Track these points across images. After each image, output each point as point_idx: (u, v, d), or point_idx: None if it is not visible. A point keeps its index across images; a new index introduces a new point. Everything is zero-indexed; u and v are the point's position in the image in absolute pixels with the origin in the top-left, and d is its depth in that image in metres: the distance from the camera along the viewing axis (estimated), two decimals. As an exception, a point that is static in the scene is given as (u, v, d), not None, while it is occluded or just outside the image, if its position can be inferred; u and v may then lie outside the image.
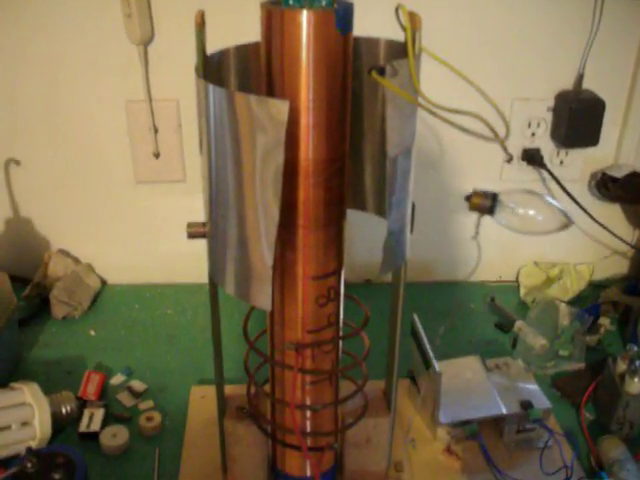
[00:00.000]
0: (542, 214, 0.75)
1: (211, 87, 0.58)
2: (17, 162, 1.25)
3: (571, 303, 1.20)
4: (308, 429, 0.79)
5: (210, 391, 0.98)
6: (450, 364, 0.99)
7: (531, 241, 1.27)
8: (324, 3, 0.58)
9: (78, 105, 1.20)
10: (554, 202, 0.75)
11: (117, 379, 1.07)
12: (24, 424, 0.90)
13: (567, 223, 0.75)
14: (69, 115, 1.21)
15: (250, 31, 0.66)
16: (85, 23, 1.14)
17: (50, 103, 1.20)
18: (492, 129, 0.59)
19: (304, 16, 0.57)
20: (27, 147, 1.24)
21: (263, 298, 0.62)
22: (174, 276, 1.33)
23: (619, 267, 1.37)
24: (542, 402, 0.95)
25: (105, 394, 1.04)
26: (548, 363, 1.09)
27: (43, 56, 1.17)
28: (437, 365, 0.89)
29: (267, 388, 0.80)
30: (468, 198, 0.75)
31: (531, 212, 0.75)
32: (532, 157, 1.22)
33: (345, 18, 0.59)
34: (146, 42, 1.14)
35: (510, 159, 1.17)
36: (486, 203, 0.74)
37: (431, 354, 0.90)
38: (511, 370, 1.01)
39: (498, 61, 1.18)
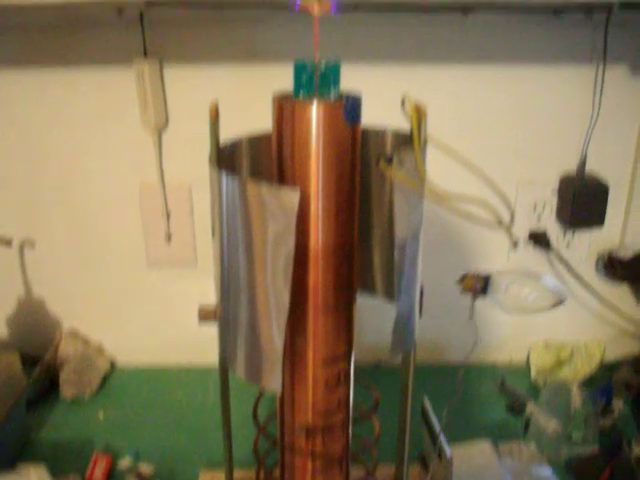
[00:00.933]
0: (535, 292, 0.76)
1: (224, 176, 0.60)
2: (32, 243, 1.28)
3: (583, 384, 1.19)
4: (318, 515, 0.78)
5: (218, 476, 0.97)
6: (462, 449, 0.98)
7: (541, 321, 1.28)
8: (333, 96, 0.61)
9: (93, 189, 1.24)
10: (547, 280, 0.76)
11: (125, 462, 1.06)
12: (30, 508, 0.89)
13: (560, 301, 0.75)
14: (84, 199, 1.24)
15: (262, 121, 0.69)
16: (102, 110, 1.18)
17: (66, 186, 1.24)
18: (497, 216, 0.60)
19: (314, 109, 0.59)
20: (42, 228, 1.27)
21: (273, 382, 0.62)
22: (184, 359, 1.34)
23: (630, 347, 1.36)
24: (556, 488, 0.93)
25: (112, 477, 1.02)
26: (561, 447, 1.07)
27: (61, 141, 1.21)
28: (449, 451, 0.88)
29: (277, 472, 0.79)
30: (460, 281, 0.76)
31: (524, 291, 0.75)
32: (539, 239, 1.24)
33: (353, 110, 0.61)
34: (160, 129, 1.18)
35: (516, 244, 1.19)
36: (478, 284, 0.75)
37: (442, 439, 0.89)
38: (523, 454, 1.00)
39: (503, 147, 1.21)
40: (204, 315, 0.70)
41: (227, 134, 0.68)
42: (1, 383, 1.03)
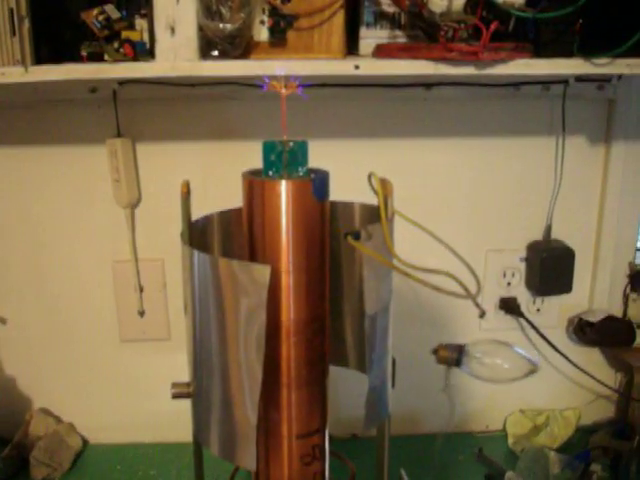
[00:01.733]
0: (508, 362, 0.77)
1: (196, 253, 0.61)
2: (3, 320, 1.26)
3: (560, 450, 1.19)
4: None
5: None
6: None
7: (516, 389, 1.27)
8: (301, 173, 0.63)
9: (65, 264, 1.23)
10: (520, 350, 0.77)
11: None
12: None
13: (533, 369, 0.76)
14: (56, 274, 1.24)
15: (234, 197, 0.71)
16: (74, 186, 1.19)
17: (38, 262, 1.23)
18: (464, 287, 0.62)
19: (283, 186, 0.61)
20: (13, 305, 1.26)
21: (248, 458, 0.62)
22: (158, 435, 1.31)
23: (605, 411, 1.37)
24: None
25: None
26: (541, 515, 1.06)
27: (31, 217, 1.21)
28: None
29: None
30: (435, 352, 0.77)
31: (497, 361, 0.76)
32: (509, 306, 1.25)
33: (322, 186, 0.63)
34: (133, 205, 1.19)
35: (483, 314, 1.20)
36: (453, 355, 0.76)
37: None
38: (504, 524, 0.99)
39: (470, 216, 1.24)
40: (178, 392, 0.70)
41: (199, 209, 0.70)
42: (-31, 465, 1.01)
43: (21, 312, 1.26)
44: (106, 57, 0.92)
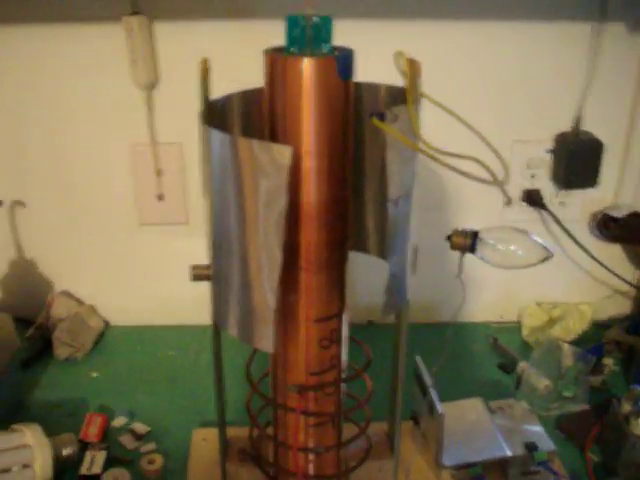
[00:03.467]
0: (522, 248, 0.76)
1: (214, 132, 0.59)
2: (22, 204, 1.26)
3: (574, 343, 1.20)
4: (311, 472, 0.78)
5: (212, 434, 0.97)
6: (453, 406, 0.99)
7: (533, 281, 1.28)
8: (325, 50, 0.60)
9: (83, 148, 1.22)
10: (535, 237, 0.76)
11: (119, 421, 1.06)
12: (25, 466, 0.89)
13: (548, 255, 0.75)
14: (74, 158, 1.23)
15: (254, 78, 0.68)
16: (91, 69, 1.16)
17: (55, 146, 1.22)
18: (491, 173, 0.60)
19: (306, 63, 0.58)
20: (32, 189, 1.26)
21: (266, 341, 0.62)
22: (177, 318, 1.33)
23: (621, 307, 1.37)
24: (547, 444, 0.94)
25: (107, 436, 1.03)
26: (552, 404, 1.08)
27: (47, 99, 1.19)
28: (440, 407, 0.88)
29: (269, 430, 0.80)
30: (449, 238, 0.75)
31: (512, 247, 0.75)
32: (532, 198, 1.23)
33: (346, 64, 0.60)
34: (151, 87, 1.16)
35: (509, 202, 1.18)
36: (467, 242, 0.75)
37: (434, 396, 0.90)
38: (515, 412, 1.01)
39: (497, 104, 1.20)
40: (197, 274, 0.70)
41: (218, 92, 0.67)
42: (-6, 344, 1.03)
43: (40, 196, 1.26)
44: None
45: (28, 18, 1.13)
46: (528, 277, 1.19)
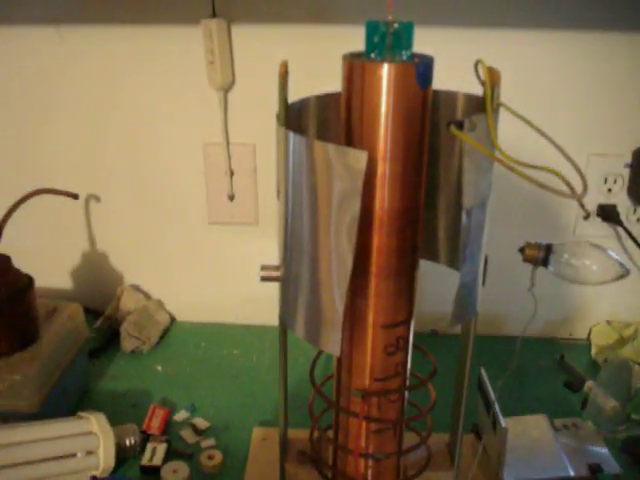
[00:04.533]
0: (597, 264, 0.74)
1: (291, 135, 0.60)
2: (97, 198, 1.30)
3: (645, 365, 1.16)
4: (370, 478, 0.78)
5: (271, 433, 0.98)
6: (516, 421, 0.97)
7: (605, 299, 1.25)
8: (405, 57, 0.60)
9: (158, 146, 1.25)
10: (610, 252, 0.74)
11: (181, 415, 1.08)
12: (89, 453, 0.91)
13: (623, 273, 0.73)
14: (149, 155, 1.26)
15: (330, 84, 0.68)
16: (169, 69, 1.19)
17: (132, 144, 1.25)
18: (570, 186, 0.59)
19: (385, 69, 0.58)
20: (107, 184, 1.29)
21: (333, 344, 0.62)
22: (241, 317, 1.35)
23: (696, 330, 1.32)
24: (612, 467, 0.91)
25: (168, 429, 1.05)
26: (619, 426, 1.05)
27: (126, 98, 1.22)
28: (503, 421, 0.87)
29: (331, 434, 0.80)
30: (521, 250, 0.74)
31: (586, 262, 0.73)
32: (608, 213, 1.20)
33: (425, 72, 0.60)
34: (227, 88, 1.17)
35: (588, 216, 1.15)
36: (540, 254, 0.73)
37: (497, 410, 0.88)
38: (580, 431, 0.98)
39: (575, 116, 1.17)
40: (266, 275, 0.71)
41: (293, 96, 0.68)
42: (65, 333, 1.06)
43: (115, 191, 1.30)
44: None
45: (109, 19, 1.16)
46: (600, 294, 1.16)
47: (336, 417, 0.78)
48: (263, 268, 0.71)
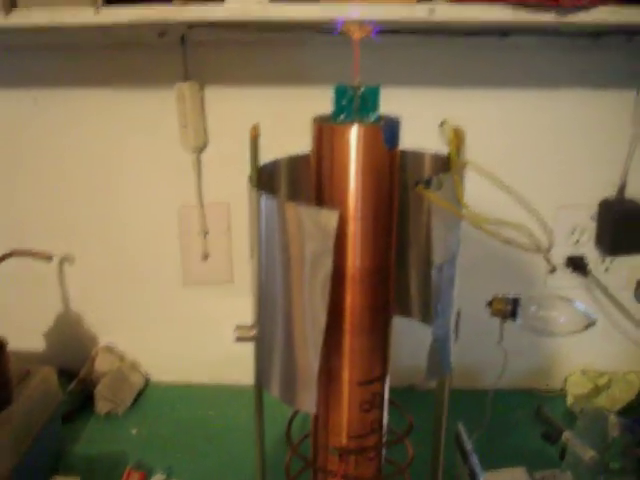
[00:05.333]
0: (564, 315, 0.75)
1: (263, 196, 0.61)
2: (72, 259, 1.30)
3: (620, 413, 1.17)
4: (349, 538, 0.77)
5: (250, 495, 0.97)
6: (496, 475, 0.97)
7: (579, 349, 1.26)
8: (372, 119, 0.62)
9: (132, 208, 1.26)
10: (577, 303, 0.75)
11: (157, 478, 1.06)
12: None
13: (589, 323, 0.74)
14: (123, 216, 1.27)
15: (300, 143, 0.70)
16: (142, 130, 1.20)
17: (105, 204, 1.26)
18: (536, 242, 0.60)
19: (353, 131, 0.60)
20: (81, 245, 1.29)
21: (308, 402, 0.62)
22: (217, 377, 1.34)
23: (670, 376, 1.33)
24: (593, 518, 0.91)
25: (145, 494, 1.03)
26: (598, 476, 1.05)
27: (98, 159, 1.23)
28: (482, 475, 0.86)
29: (308, 494, 0.79)
30: (489, 304, 0.75)
31: (553, 314, 0.75)
32: (576, 264, 1.22)
33: (392, 134, 0.62)
34: (200, 149, 1.19)
35: (553, 270, 1.17)
36: (507, 308, 0.74)
37: (476, 465, 0.88)
38: (559, 483, 0.98)
39: (541, 170, 1.20)
40: (241, 335, 0.71)
41: (265, 156, 0.69)
42: (38, 396, 1.05)
43: (88, 252, 1.30)
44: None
45: (82, 82, 1.18)
46: (574, 345, 1.17)
47: (314, 476, 0.77)
48: (238, 328, 0.71)
